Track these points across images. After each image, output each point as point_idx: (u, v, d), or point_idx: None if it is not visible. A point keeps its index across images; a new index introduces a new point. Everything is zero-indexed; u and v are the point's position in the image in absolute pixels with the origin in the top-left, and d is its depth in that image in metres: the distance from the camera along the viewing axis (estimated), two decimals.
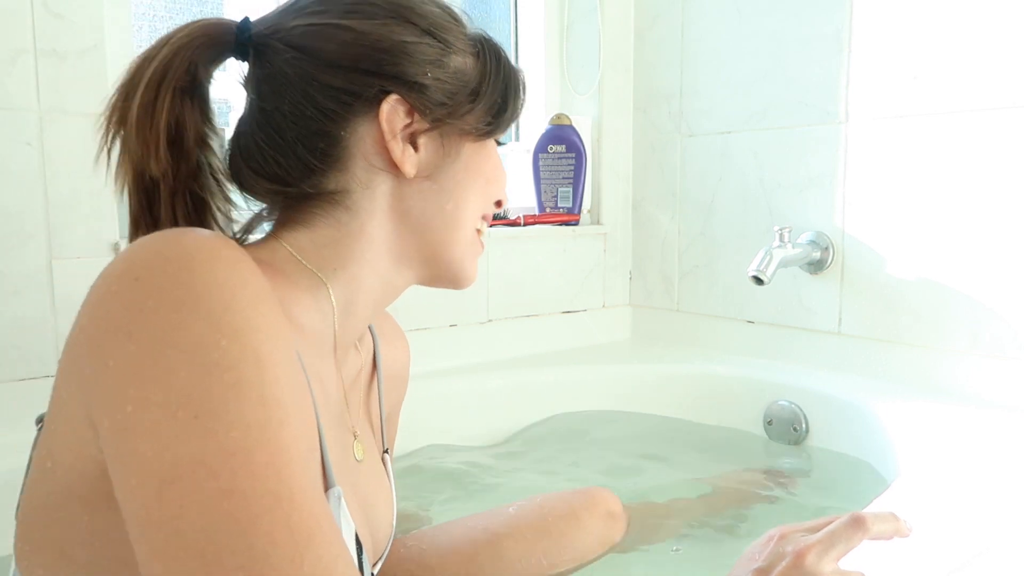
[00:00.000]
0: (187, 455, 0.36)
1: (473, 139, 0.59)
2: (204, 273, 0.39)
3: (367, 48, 0.54)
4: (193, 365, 0.37)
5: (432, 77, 0.55)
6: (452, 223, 0.59)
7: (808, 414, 1.32)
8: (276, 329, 0.41)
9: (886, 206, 1.31)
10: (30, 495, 0.47)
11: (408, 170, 0.56)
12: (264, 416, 0.38)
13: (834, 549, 0.54)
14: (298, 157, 0.54)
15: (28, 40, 1.02)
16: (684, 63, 1.62)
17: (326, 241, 0.56)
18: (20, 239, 1.04)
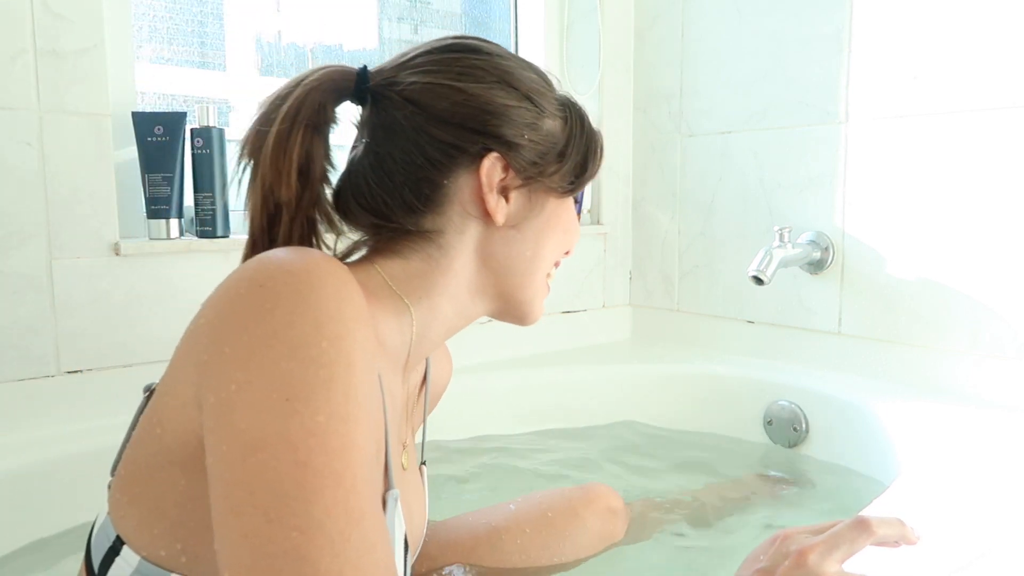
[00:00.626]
0: (274, 430, 0.43)
1: (556, 195, 0.66)
2: (318, 287, 0.46)
3: (475, 109, 0.60)
4: (294, 358, 0.44)
5: (527, 138, 0.62)
6: (529, 268, 0.66)
7: (808, 414, 1.32)
8: (366, 344, 0.48)
9: (886, 206, 1.31)
10: (134, 454, 0.53)
11: (499, 219, 0.62)
12: (345, 411, 0.44)
13: (838, 551, 0.54)
14: (403, 198, 0.61)
15: (28, 40, 1.02)
16: (684, 63, 1.62)
17: (416, 273, 0.62)
18: (20, 239, 1.04)
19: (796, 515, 1.11)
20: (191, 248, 1.17)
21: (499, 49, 0.65)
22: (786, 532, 0.57)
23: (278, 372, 0.43)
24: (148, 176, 1.15)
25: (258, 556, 0.41)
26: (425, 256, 0.62)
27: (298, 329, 0.44)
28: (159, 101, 1.31)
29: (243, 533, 0.41)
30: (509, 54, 0.65)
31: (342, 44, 1.55)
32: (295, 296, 0.46)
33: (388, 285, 0.61)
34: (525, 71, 0.64)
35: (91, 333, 1.10)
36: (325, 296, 0.46)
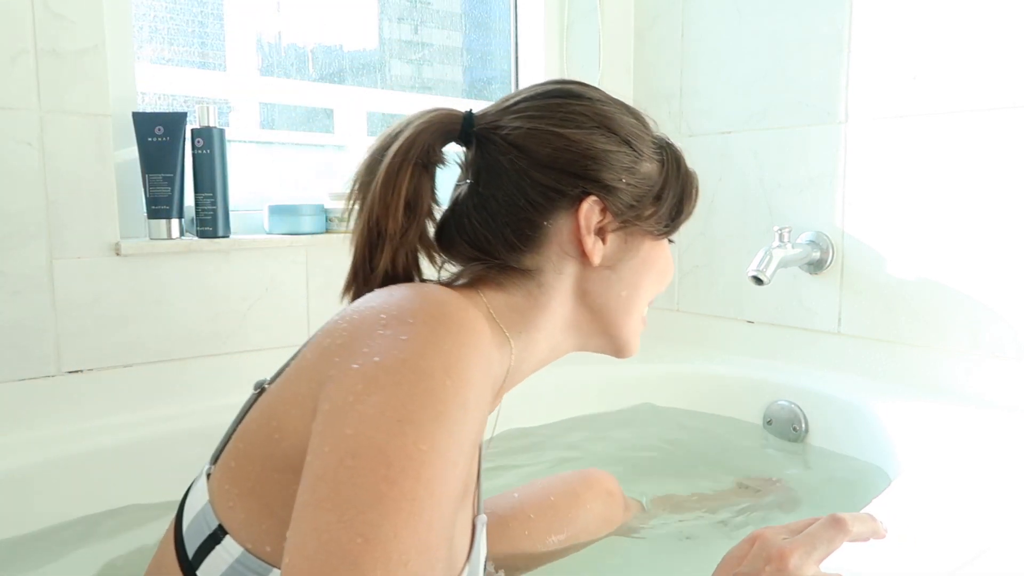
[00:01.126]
0: (377, 443, 0.44)
1: (652, 237, 0.67)
2: (454, 333, 0.50)
3: (575, 154, 0.62)
4: (416, 385, 0.46)
5: (625, 182, 0.64)
6: (625, 308, 0.68)
7: (808, 414, 1.32)
8: (484, 390, 0.51)
9: (886, 206, 1.31)
10: (248, 450, 0.55)
11: (595, 260, 0.64)
12: (446, 449, 0.46)
13: (816, 551, 0.54)
14: (505, 237, 0.63)
15: (28, 40, 1.02)
16: (684, 63, 1.62)
17: (517, 307, 0.64)
18: (20, 239, 1.04)
19: (795, 518, 1.11)
20: (191, 248, 1.17)
21: (600, 94, 0.67)
22: (763, 533, 0.57)
23: (398, 393, 0.46)
24: (148, 176, 1.15)
25: (319, 550, 0.42)
26: (526, 292, 0.64)
27: (427, 362, 0.47)
28: (159, 101, 1.31)
29: (315, 526, 0.43)
30: (609, 98, 0.67)
31: (342, 44, 1.55)
32: (432, 335, 0.49)
33: (492, 316, 0.63)
34: (624, 115, 0.66)
35: (91, 333, 1.10)
36: (459, 343, 0.49)
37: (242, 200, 1.36)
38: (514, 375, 0.65)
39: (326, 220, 1.33)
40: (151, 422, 1.11)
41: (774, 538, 0.56)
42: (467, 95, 1.76)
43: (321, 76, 1.52)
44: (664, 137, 0.71)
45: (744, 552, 0.57)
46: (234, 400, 1.21)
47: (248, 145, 1.45)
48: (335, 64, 1.54)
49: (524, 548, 0.91)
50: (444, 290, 0.55)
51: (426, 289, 0.54)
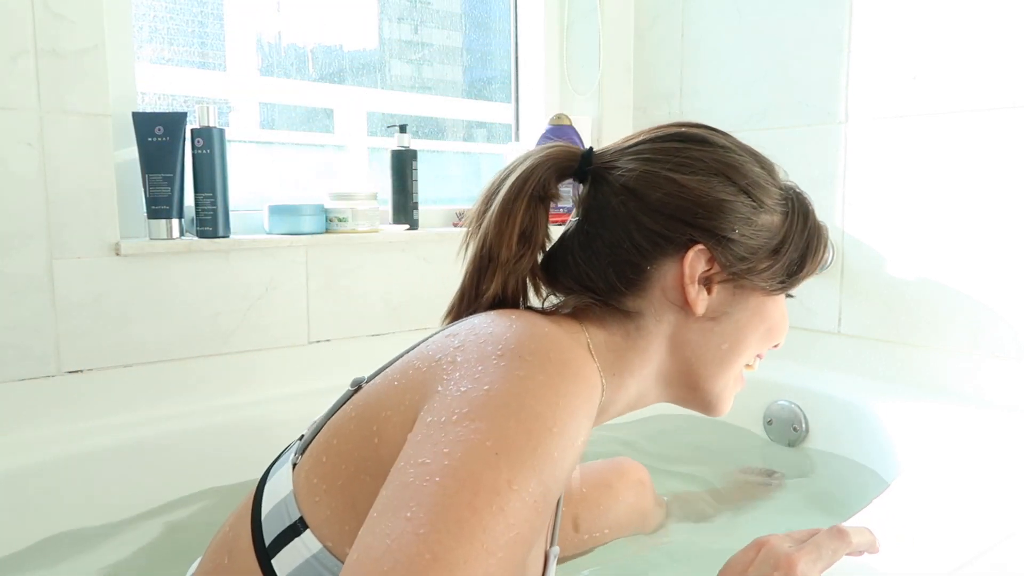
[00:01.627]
0: (471, 469, 0.44)
1: (764, 293, 0.64)
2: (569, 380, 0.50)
3: (687, 201, 0.61)
4: (522, 422, 0.47)
5: (739, 233, 0.61)
6: (723, 362, 0.65)
7: (808, 414, 1.32)
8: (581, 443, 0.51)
9: (886, 206, 1.31)
10: (342, 448, 0.55)
11: (698, 310, 0.62)
12: (536, 493, 0.46)
13: (822, 560, 0.55)
14: (607, 277, 0.62)
15: (28, 40, 1.02)
16: (684, 63, 1.62)
17: (614, 347, 0.62)
18: (20, 239, 1.04)
19: (794, 514, 1.11)
20: (191, 248, 1.17)
21: (727, 140, 0.66)
22: (769, 540, 0.57)
23: (502, 426, 0.46)
24: (148, 176, 1.15)
25: (387, 555, 0.42)
26: (624, 333, 0.63)
27: (538, 402, 0.47)
28: (159, 101, 1.31)
29: (388, 531, 0.43)
30: (736, 145, 0.66)
31: (342, 44, 1.55)
32: (546, 379, 0.49)
33: (590, 351, 0.61)
34: (750, 163, 0.64)
35: (91, 333, 1.10)
36: (570, 392, 0.50)
37: (242, 200, 1.36)
38: (602, 415, 0.64)
39: (326, 220, 1.33)
40: (151, 422, 1.11)
41: (780, 545, 0.56)
42: (467, 95, 1.76)
43: (321, 76, 1.52)
44: (793, 187, 0.68)
45: (749, 559, 0.57)
46: (234, 400, 1.22)
47: (248, 145, 1.45)
48: (335, 64, 1.54)
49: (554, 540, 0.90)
50: (557, 329, 0.55)
51: (543, 326, 0.54)
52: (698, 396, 0.67)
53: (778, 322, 0.67)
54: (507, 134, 1.81)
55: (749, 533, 1.03)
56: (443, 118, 1.70)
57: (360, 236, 1.33)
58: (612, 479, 0.97)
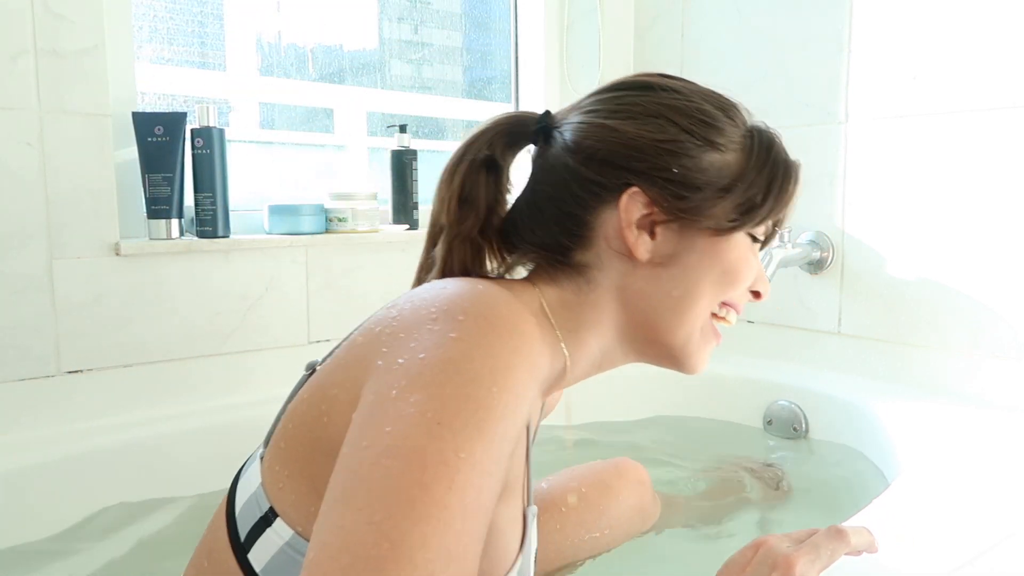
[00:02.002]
0: (414, 444, 0.43)
1: (714, 232, 0.61)
2: (504, 338, 0.48)
3: (619, 145, 0.60)
4: (460, 389, 0.45)
5: (680, 173, 0.59)
6: (678, 310, 0.62)
7: (808, 414, 1.32)
8: (528, 395, 0.49)
9: (886, 206, 1.31)
10: (297, 432, 0.55)
11: (640, 255, 0.60)
12: (484, 458, 0.45)
13: (820, 560, 0.55)
14: (553, 233, 0.62)
15: (28, 40, 1.02)
16: (684, 63, 1.62)
17: (568, 304, 0.62)
18: (20, 239, 1.04)
19: (793, 511, 1.11)
20: (191, 248, 1.17)
21: (676, 84, 0.63)
22: (767, 540, 0.57)
23: (441, 395, 0.45)
24: (148, 176, 1.15)
25: (344, 550, 0.41)
26: (576, 289, 0.62)
27: (474, 366, 0.46)
28: (159, 101, 1.31)
29: (342, 524, 0.42)
30: (688, 88, 0.63)
31: (342, 44, 1.55)
32: (482, 338, 0.48)
33: (544, 312, 0.61)
34: (698, 104, 0.62)
35: (91, 333, 1.10)
36: (508, 349, 0.48)
37: (242, 200, 1.36)
38: (567, 375, 0.64)
39: (326, 220, 1.33)
40: (151, 422, 1.11)
41: (778, 545, 0.56)
42: (467, 95, 1.76)
43: (321, 76, 1.52)
44: (759, 125, 0.66)
45: (747, 558, 0.57)
46: (234, 400, 1.21)
47: (248, 145, 1.45)
48: (335, 64, 1.54)
49: (556, 543, 0.89)
50: (497, 287, 0.54)
51: (479, 285, 0.53)
52: (662, 350, 0.64)
53: (735, 265, 0.62)
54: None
55: (748, 533, 1.03)
56: (443, 118, 1.70)
57: (360, 236, 1.33)
58: (611, 479, 0.96)
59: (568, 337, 0.62)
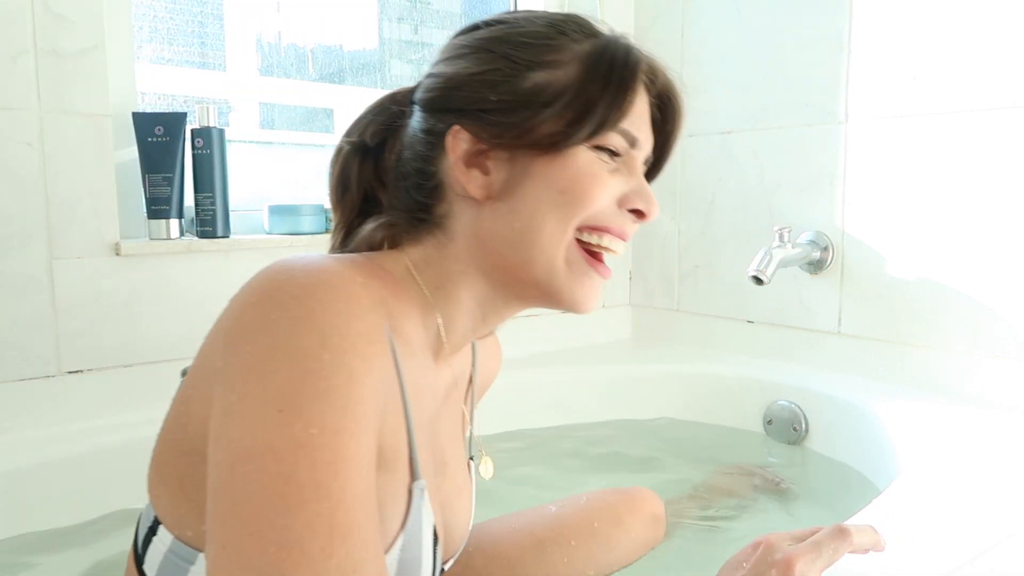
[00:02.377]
0: (263, 441, 0.42)
1: (541, 152, 0.58)
2: (326, 301, 0.46)
3: (442, 89, 0.60)
4: (293, 369, 0.43)
5: (498, 100, 0.57)
6: (525, 242, 0.59)
7: (808, 414, 1.32)
8: (374, 357, 0.47)
9: (886, 206, 1.31)
10: (166, 436, 0.55)
11: (474, 193, 0.58)
12: (340, 424, 0.43)
13: (821, 559, 0.54)
14: (411, 194, 0.62)
15: (28, 40, 1.02)
16: (684, 63, 1.62)
17: (432, 261, 0.61)
18: (20, 239, 1.04)
19: (792, 514, 1.11)
20: (191, 248, 1.17)
21: (507, 17, 0.62)
22: (768, 539, 0.57)
23: (275, 383, 0.43)
24: (148, 176, 1.15)
25: (236, 568, 0.40)
26: (437, 243, 0.61)
27: (302, 341, 0.44)
28: (159, 101, 1.31)
29: (225, 543, 0.41)
30: (519, 17, 0.62)
31: (342, 44, 1.55)
32: (302, 309, 0.46)
33: (411, 273, 0.60)
34: (526, 29, 0.60)
35: (91, 333, 1.10)
36: (334, 311, 0.46)
37: (242, 200, 1.36)
38: (451, 333, 0.62)
39: (326, 220, 1.33)
40: (151, 422, 1.10)
41: (779, 544, 0.56)
42: None
43: (321, 76, 1.52)
44: (609, 36, 0.64)
45: (747, 556, 0.56)
46: None
47: (248, 145, 1.45)
48: (335, 64, 1.54)
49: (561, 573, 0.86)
50: (319, 259, 0.51)
51: (298, 262, 0.50)
52: (533, 290, 0.61)
53: (575, 181, 0.58)
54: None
55: (748, 533, 1.03)
56: None
57: None
58: (623, 513, 0.92)
59: (437, 294, 0.61)
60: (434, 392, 0.64)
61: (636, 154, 0.62)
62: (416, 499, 0.55)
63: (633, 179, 0.62)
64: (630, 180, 0.62)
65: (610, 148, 0.59)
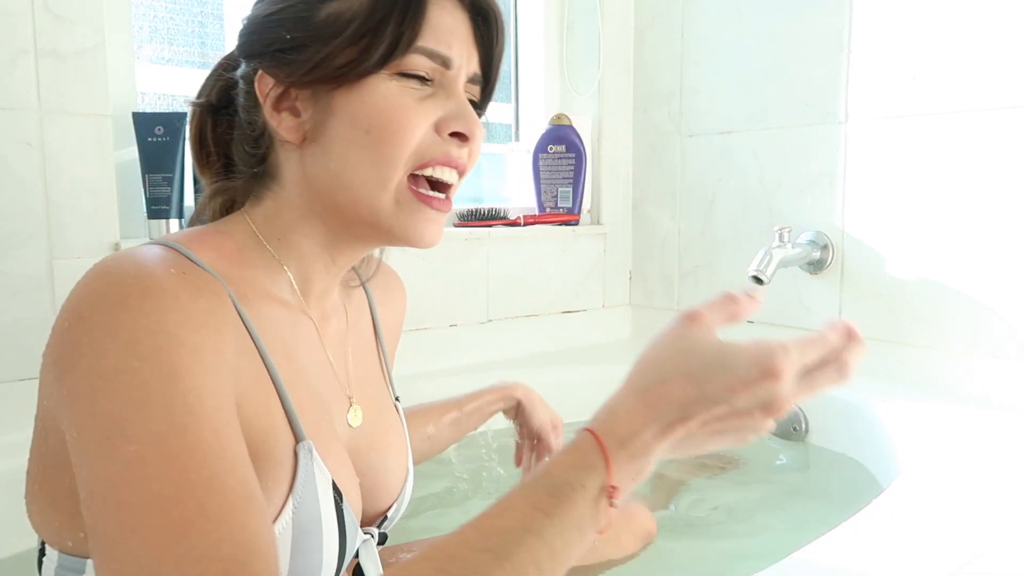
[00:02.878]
0: (100, 473, 0.42)
1: (338, 86, 0.55)
2: (134, 308, 0.44)
3: (247, 34, 0.59)
4: (109, 391, 0.43)
5: (291, 38, 0.55)
6: (343, 184, 0.56)
7: (808, 414, 1.32)
8: (203, 341, 0.46)
9: (886, 206, 1.31)
10: (33, 453, 0.55)
11: (289, 137, 0.57)
12: (167, 425, 0.42)
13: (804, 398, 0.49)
14: (244, 146, 0.61)
15: (28, 40, 1.02)
16: (684, 63, 1.62)
17: (269, 214, 0.60)
18: (20, 239, 1.04)
19: (794, 516, 1.11)
20: None
21: None
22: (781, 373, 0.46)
23: (98, 411, 0.43)
24: (148, 176, 1.15)
25: None
26: (272, 195, 0.60)
27: (111, 358, 0.43)
28: (159, 101, 1.31)
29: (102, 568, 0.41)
30: None
31: None
32: (109, 322, 0.44)
33: (254, 232, 0.59)
34: None
35: None
36: (141, 311, 0.44)
37: None
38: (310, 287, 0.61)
39: None
40: None
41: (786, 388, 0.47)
42: None
43: None
44: None
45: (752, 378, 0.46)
46: None
47: None
48: None
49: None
50: (131, 258, 0.48)
51: (103, 269, 0.47)
52: (369, 230, 0.58)
53: (379, 114, 0.55)
54: (507, 134, 1.81)
55: (744, 530, 1.03)
56: None
57: None
58: (619, 530, 0.92)
59: (279, 246, 0.59)
60: (311, 344, 0.62)
61: (453, 75, 0.57)
62: (303, 460, 0.54)
63: (451, 101, 0.57)
64: (446, 104, 0.57)
65: (416, 74, 0.56)
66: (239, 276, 0.56)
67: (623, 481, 0.47)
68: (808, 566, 0.66)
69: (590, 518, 0.46)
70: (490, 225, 1.53)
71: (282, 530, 0.51)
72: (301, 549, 0.53)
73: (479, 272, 1.51)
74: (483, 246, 1.51)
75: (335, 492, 0.56)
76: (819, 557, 0.67)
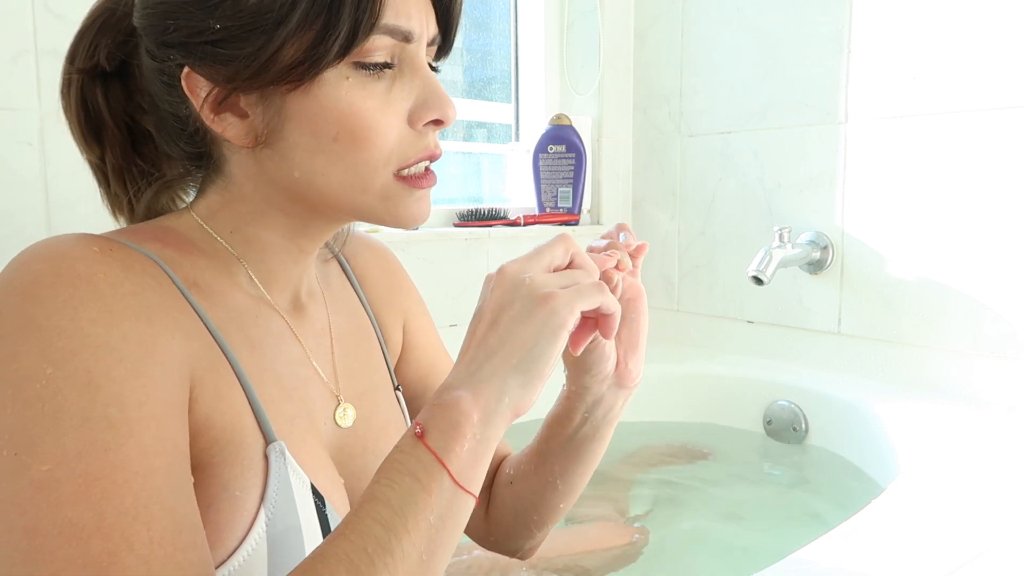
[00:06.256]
0: (4, 494, 0.37)
1: (294, 87, 0.46)
2: (46, 299, 0.39)
3: (157, 18, 0.47)
4: (17, 400, 0.38)
5: (220, 28, 0.45)
6: (314, 190, 0.49)
7: (808, 414, 1.32)
8: (126, 335, 0.40)
9: (886, 206, 1.31)
10: None
11: (236, 141, 0.48)
12: (85, 443, 0.38)
13: None
14: (174, 140, 0.52)
15: (28, 40, 1.02)
16: (684, 63, 1.62)
17: (217, 207, 0.52)
18: (20, 239, 1.03)
19: (794, 515, 1.11)
20: None
21: None
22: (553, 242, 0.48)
23: (4, 423, 0.38)
24: None
25: None
26: (219, 188, 0.52)
27: (20, 361, 0.38)
28: None
29: None
30: None
31: None
32: (18, 319, 0.39)
33: (202, 227, 0.52)
34: None
35: None
36: (54, 308, 0.39)
37: None
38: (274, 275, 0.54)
39: None
40: None
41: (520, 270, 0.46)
42: (467, 95, 1.76)
43: None
44: None
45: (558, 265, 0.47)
46: None
47: None
48: None
49: None
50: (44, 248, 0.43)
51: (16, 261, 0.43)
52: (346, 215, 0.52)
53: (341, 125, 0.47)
54: (507, 134, 1.82)
55: (744, 530, 1.03)
56: None
57: None
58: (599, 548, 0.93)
59: (233, 239, 0.52)
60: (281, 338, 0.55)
61: (414, 48, 0.49)
62: (275, 463, 0.48)
63: (416, 81, 0.49)
64: (412, 86, 0.49)
65: (379, 62, 0.47)
66: (188, 262, 0.50)
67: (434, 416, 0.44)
68: (807, 566, 0.66)
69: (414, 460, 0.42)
70: (490, 225, 1.53)
71: (255, 547, 0.46)
72: (280, 564, 0.47)
73: (479, 272, 1.51)
74: (483, 246, 1.51)
75: (315, 497, 0.50)
76: (818, 557, 0.67)
